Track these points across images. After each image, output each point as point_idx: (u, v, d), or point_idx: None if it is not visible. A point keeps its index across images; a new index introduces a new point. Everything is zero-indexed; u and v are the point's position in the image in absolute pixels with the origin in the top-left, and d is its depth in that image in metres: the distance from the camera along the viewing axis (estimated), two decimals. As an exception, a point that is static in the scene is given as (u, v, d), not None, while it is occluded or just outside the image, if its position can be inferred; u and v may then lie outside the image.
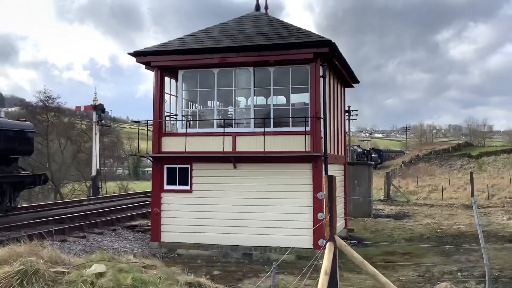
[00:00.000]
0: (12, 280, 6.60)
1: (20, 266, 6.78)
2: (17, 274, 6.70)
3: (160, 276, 7.59)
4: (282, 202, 14.54)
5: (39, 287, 6.70)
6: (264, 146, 14.43)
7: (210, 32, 16.43)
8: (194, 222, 15.20)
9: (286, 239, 14.19)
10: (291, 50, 14.42)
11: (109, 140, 54.63)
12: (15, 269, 6.76)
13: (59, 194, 44.77)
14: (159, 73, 15.99)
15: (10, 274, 6.68)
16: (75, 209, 21.98)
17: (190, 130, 15.93)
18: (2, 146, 19.49)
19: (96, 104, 34.17)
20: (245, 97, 17.04)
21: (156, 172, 15.80)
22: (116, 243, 16.08)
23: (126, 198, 29.84)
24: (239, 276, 11.84)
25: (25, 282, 6.62)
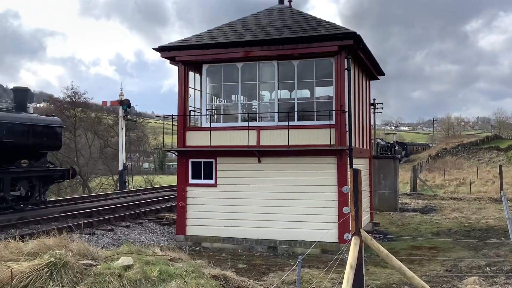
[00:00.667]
0: (41, 272, 6.75)
1: (49, 259, 6.93)
2: (47, 266, 6.84)
3: (186, 269, 7.67)
4: (306, 196, 14.50)
5: (68, 279, 6.84)
6: (288, 140, 14.39)
7: (234, 26, 16.42)
8: (219, 215, 15.29)
9: (311, 233, 14.15)
10: (315, 43, 14.30)
11: (135, 134, 55.27)
12: (45, 262, 6.91)
13: (87, 188, 45.59)
14: (183, 68, 16.08)
15: (40, 266, 6.83)
16: (103, 203, 22.37)
17: (215, 124, 15.99)
18: (31, 141, 19.95)
19: (122, 99, 34.60)
20: (269, 91, 17.00)
21: (181, 166, 15.94)
22: (143, 236, 16.31)
23: (152, 192, 30.22)
24: (264, 269, 11.86)
25: (54, 275, 6.76)
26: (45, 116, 22.20)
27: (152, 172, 72.57)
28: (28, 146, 19.79)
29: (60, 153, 39.25)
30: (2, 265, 6.90)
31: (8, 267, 6.73)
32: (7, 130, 18.71)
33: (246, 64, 15.62)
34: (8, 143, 18.67)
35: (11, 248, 7.93)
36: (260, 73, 15.67)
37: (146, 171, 71.39)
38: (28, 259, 7.39)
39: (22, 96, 21.21)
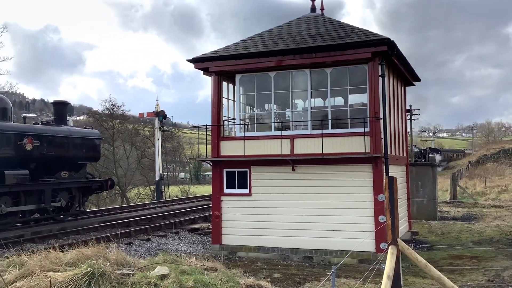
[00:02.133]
0: (80, 282, 6.90)
1: (87, 268, 7.08)
2: (85, 276, 7.00)
3: (221, 278, 7.69)
4: (342, 205, 14.33)
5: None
6: (322, 148, 14.29)
7: (266, 35, 16.50)
8: (254, 225, 15.27)
9: (347, 242, 13.95)
10: (348, 50, 14.19)
11: (170, 145, 56.08)
12: (83, 271, 7.07)
13: (125, 198, 46.46)
14: (216, 78, 16.24)
15: (78, 276, 6.99)
16: (140, 213, 22.74)
17: (248, 133, 16.04)
18: (71, 153, 20.52)
19: (158, 111, 35.18)
20: (302, 99, 16.95)
21: (216, 176, 16.03)
22: (179, 246, 16.46)
23: (188, 201, 30.53)
24: (299, 279, 11.76)
25: (92, 284, 6.90)
26: (84, 129, 22.80)
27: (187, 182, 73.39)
28: (68, 158, 20.35)
29: (99, 164, 40.17)
30: (42, 275, 7.09)
31: (47, 276, 6.91)
32: (48, 143, 19.30)
33: (279, 73, 15.64)
34: (48, 156, 19.25)
35: (51, 258, 8.14)
36: (293, 82, 15.65)
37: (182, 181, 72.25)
38: (67, 268, 7.57)
39: (62, 110, 21.86)
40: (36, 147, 18.65)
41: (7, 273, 7.69)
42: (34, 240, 15.32)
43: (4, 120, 18.13)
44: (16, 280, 7.35)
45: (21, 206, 17.94)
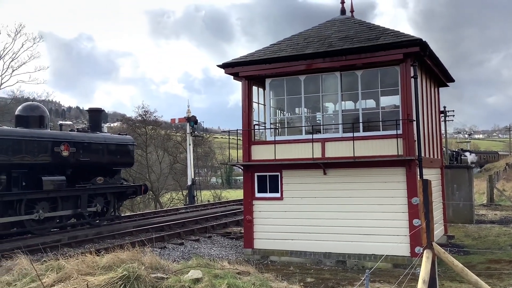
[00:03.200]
0: (116, 285, 7.04)
1: (123, 272, 7.22)
2: (120, 279, 7.13)
3: (253, 282, 7.71)
4: (375, 208, 14.15)
5: (141, 291, 7.08)
6: (354, 151, 14.16)
7: (296, 39, 16.49)
8: (286, 229, 15.24)
9: (381, 246, 13.76)
10: (378, 52, 14.04)
11: (202, 150, 56.59)
12: (119, 275, 7.21)
13: (158, 203, 47.07)
14: (247, 83, 16.32)
15: (114, 279, 7.13)
16: (173, 217, 22.98)
17: (279, 137, 16.04)
18: (106, 159, 20.95)
19: (189, 116, 35.58)
20: (332, 102, 16.85)
21: (247, 180, 16.09)
22: (212, 250, 16.57)
23: (220, 206, 30.69)
24: (332, 283, 11.66)
25: (128, 287, 7.03)
26: (118, 135, 23.25)
27: (219, 187, 73.83)
28: (103, 164, 20.79)
29: (133, 169, 40.85)
30: (79, 278, 7.26)
31: (84, 280, 7.07)
32: (84, 149, 19.77)
33: (309, 76, 15.60)
34: (84, 162, 19.72)
35: (87, 262, 8.33)
36: (323, 85, 15.58)
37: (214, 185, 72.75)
38: (103, 272, 7.73)
39: (97, 117, 22.37)
40: (72, 154, 19.13)
41: (45, 277, 7.92)
42: (71, 244, 15.69)
43: (41, 127, 18.67)
44: (54, 283, 7.56)
45: (58, 212, 18.43)
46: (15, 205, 16.75)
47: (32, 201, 17.36)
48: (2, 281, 8.70)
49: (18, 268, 8.99)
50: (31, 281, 8.04)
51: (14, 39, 41.39)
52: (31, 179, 17.66)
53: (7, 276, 8.90)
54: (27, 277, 8.33)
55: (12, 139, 16.87)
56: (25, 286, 7.89)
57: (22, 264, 9.11)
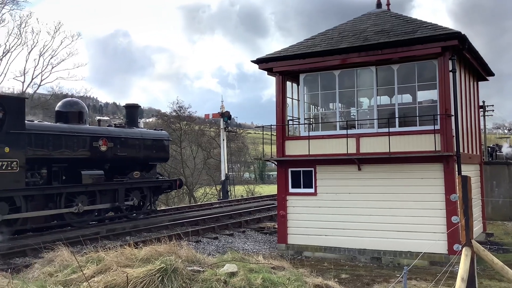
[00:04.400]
0: (154, 277, 7.19)
1: (161, 265, 7.36)
2: (158, 272, 7.27)
3: (288, 277, 7.73)
4: (411, 205, 13.93)
5: (178, 284, 7.21)
6: (389, 146, 13.97)
7: (330, 33, 16.35)
8: (320, 224, 15.19)
9: (417, 244, 13.55)
10: (415, 45, 13.78)
11: (235, 145, 56.88)
12: (157, 267, 7.35)
13: (192, 198, 47.66)
14: (281, 78, 16.30)
15: (152, 272, 7.28)
16: (207, 212, 23.24)
17: (313, 133, 15.98)
18: (142, 154, 21.34)
19: (223, 112, 35.81)
20: (367, 97, 16.66)
21: (281, 176, 16.10)
22: (245, 244, 16.69)
23: (253, 201, 30.83)
24: (367, 280, 11.57)
25: (166, 280, 7.16)
26: (154, 130, 23.63)
27: (252, 182, 74.09)
28: (139, 158, 21.19)
29: (168, 164, 41.46)
30: (119, 270, 7.45)
31: (123, 272, 7.25)
32: (121, 144, 20.19)
33: (343, 71, 15.46)
34: (121, 156, 20.13)
35: (126, 254, 8.53)
36: (358, 80, 15.42)
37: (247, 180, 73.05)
38: (141, 264, 7.90)
39: (133, 112, 22.79)
40: (110, 149, 19.57)
41: (86, 268, 8.15)
42: (109, 237, 16.09)
43: (80, 123, 19.16)
44: (95, 275, 7.77)
45: (97, 205, 18.90)
46: (55, 198, 17.27)
47: (71, 195, 17.86)
48: (45, 272, 9.00)
49: (60, 260, 9.28)
50: (72, 272, 8.29)
51: (53, 37, 42.66)
52: (70, 173, 18.16)
53: (49, 267, 9.20)
54: (68, 268, 8.58)
55: (52, 134, 17.37)
56: (66, 277, 8.13)
57: (63, 255, 9.39)
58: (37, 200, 16.57)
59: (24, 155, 15.83)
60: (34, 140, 16.45)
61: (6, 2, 36.00)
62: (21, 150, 15.70)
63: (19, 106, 15.98)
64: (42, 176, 17.21)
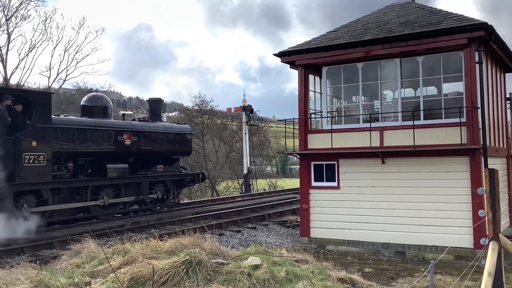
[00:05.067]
0: (179, 269, 7.28)
1: (185, 257, 7.44)
2: (183, 264, 7.36)
3: (312, 270, 7.74)
4: (436, 199, 13.77)
5: (202, 276, 7.29)
6: (414, 140, 13.80)
7: (353, 26, 16.20)
8: (343, 218, 15.14)
9: (443, 238, 13.40)
10: (441, 37, 13.56)
11: (257, 139, 56.91)
12: (181, 259, 7.44)
13: (215, 191, 47.94)
14: (303, 71, 16.24)
15: (177, 263, 7.37)
16: (230, 205, 23.36)
17: (336, 126, 15.89)
18: (166, 148, 21.55)
19: (245, 105, 35.86)
20: (391, 90, 16.47)
21: (303, 169, 16.07)
22: (268, 238, 16.73)
23: (275, 195, 30.85)
24: (392, 274, 11.50)
25: (190, 272, 7.25)
26: (177, 124, 23.82)
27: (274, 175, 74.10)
28: (162, 152, 21.40)
29: (190, 158, 41.76)
30: (145, 262, 7.56)
31: (149, 263, 7.35)
32: (145, 138, 20.42)
33: (367, 63, 15.31)
34: (145, 150, 20.37)
35: (151, 246, 8.65)
36: (382, 72, 15.25)
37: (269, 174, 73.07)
38: (166, 256, 8.01)
39: (157, 106, 23.00)
40: (134, 142, 19.81)
41: (112, 260, 8.29)
42: (134, 229, 16.31)
43: (105, 117, 19.43)
44: (121, 266, 7.90)
45: (122, 198, 19.18)
46: (81, 192, 17.58)
47: (97, 188, 18.15)
48: (72, 263, 9.19)
49: (86, 251, 9.45)
50: (99, 263, 8.44)
51: (78, 32, 43.25)
52: (96, 167, 18.45)
53: (76, 258, 9.38)
54: (95, 259, 8.74)
55: (78, 129, 17.66)
56: (93, 268, 8.29)
57: (90, 247, 9.57)
58: (63, 193, 16.91)
59: (51, 149, 16.14)
60: (60, 134, 16.75)
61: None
62: (48, 144, 16.01)
63: (45, 101, 16.29)
64: (69, 170, 17.53)
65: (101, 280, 7.29)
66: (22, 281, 7.18)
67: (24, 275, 7.53)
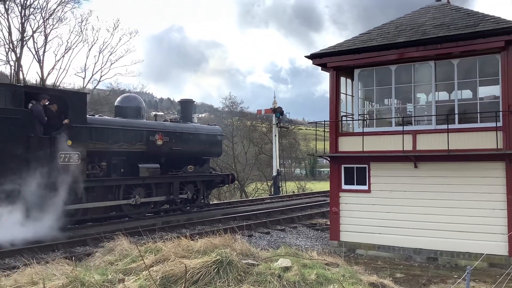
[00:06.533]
0: (210, 269, 7.36)
1: (216, 257, 7.51)
2: (214, 263, 7.43)
3: (343, 274, 7.69)
4: (470, 204, 13.46)
5: (233, 276, 7.34)
6: (448, 144, 13.54)
7: (386, 28, 16.02)
8: (374, 222, 14.96)
9: (476, 244, 13.10)
10: (477, 39, 13.26)
11: (287, 141, 56.84)
12: (212, 259, 7.51)
13: (244, 193, 48.08)
14: (335, 74, 16.13)
15: (208, 263, 7.45)
16: (259, 207, 23.40)
17: (367, 129, 15.74)
18: (196, 148, 21.76)
19: (275, 107, 35.87)
20: (425, 93, 16.20)
21: (334, 172, 15.96)
22: (297, 240, 16.69)
23: (304, 197, 30.74)
24: (424, 280, 11.31)
25: (221, 272, 7.31)
26: (207, 125, 24.02)
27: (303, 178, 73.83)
28: (193, 153, 21.61)
29: (219, 159, 42.00)
30: (177, 261, 7.66)
31: (181, 262, 7.45)
32: (176, 139, 20.67)
33: (400, 66, 15.11)
34: (176, 151, 20.61)
35: (183, 246, 8.76)
36: (415, 75, 15.03)
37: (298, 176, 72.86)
38: (197, 256, 8.10)
39: (188, 107, 23.26)
40: (165, 143, 20.07)
41: (145, 258, 8.43)
42: (165, 229, 16.52)
43: (138, 118, 19.76)
44: (153, 264, 8.03)
45: (153, 197, 19.45)
46: (114, 190, 17.92)
47: (129, 187, 18.47)
48: (105, 260, 9.39)
49: (119, 249, 9.65)
50: (131, 261, 8.60)
51: (112, 34, 44.03)
52: (128, 166, 18.79)
53: (109, 256, 9.59)
54: (127, 257, 8.91)
55: (112, 129, 18.01)
56: (126, 265, 8.45)
57: (123, 245, 9.76)
58: (97, 191, 17.26)
59: (86, 148, 16.50)
60: (94, 134, 17.13)
61: (68, 0, 37.53)
62: (82, 143, 16.38)
63: (81, 101, 16.68)
64: (102, 169, 17.89)
65: (134, 277, 7.43)
66: (57, 276, 7.38)
67: (59, 271, 7.74)
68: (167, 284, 7.05)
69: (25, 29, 35.34)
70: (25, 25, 35.31)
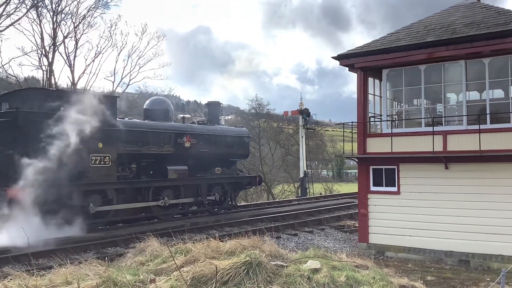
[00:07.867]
0: (239, 270, 7.40)
1: (245, 258, 7.55)
2: (243, 264, 7.47)
3: (373, 276, 7.63)
4: (502, 206, 13.16)
5: (262, 278, 7.36)
6: (479, 144, 13.28)
7: (415, 27, 15.81)
8: (403, 224, 14.76)
9: (509, 247, 12.80)
10: (508, 38, 12.98)
11: (313, 143, 56.60)
12: (242, 260, 7.55)
13: (271, 195, 48.08)
14: (362, 74, 16.01)
15: (237, 264, 7.49)
16: (286, 209, 23.37)
17: (396, 130, 15.55)
18: (223, 150, 21.88)
19: (302, 109, 35.80)
20: (455, 92, 15.93)
21: (362, 173, 15.83)
22: (325, 242, 16.61)
23: (332, 199, 30.54)
24: (455, 283, 11.11)
25: (251, 273, 7.35)
26: (234, 127, 24.12)
27: (330, 180, 73.37)
28: (220, 155, 21.74)
29: (246, 161, 42.11)
30: (207, 262, 7.74)
31: (211, 263, 7.52)
32: (203, 141, 20.84)
33: (429, 66, 14.90)
34: (204, 153, 20.78)
35: (212, 247, 8.84)
36: (445, 75, 14.79)
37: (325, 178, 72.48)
38: (226, 257, 8.16)
39: (215, 110, 23.42)
40: (193, 145, 20.26)
41: (175, 259, 8.54)
42: (193, 230, 16.67)
43: (166, 120, 20.01)
44: (184, 265, 8.13)
45: (181, 199, 19.65)
46: (143, 192, 18.18)
47: (158, 189, 18.70)
48: (136, 260, 9.55)
49: (150, 250, 9.80)
50: (162, 262, 8.73)
51: (140, 38, 44.57)
52: (157, 168, 19.04)
53: (140, 256, 9.75)
54: (158, 258, 9.05)
55: (141, 131, 18.30)
56: (157, 266, 8.58)
57: (153, 246, 9.91)
58: (127, 193, 17.55)
59: (116, 150, 16.81)
60: (124, 136, 17.41)
61: (98, 6, 38.25)
62: (113, 146, 16.69)
63: (111, 104, 16.99)
64: (132, 171, 18.19)
65: (164, 278, 7.54)
66: (91, 276, 7.54)
67: (92, 271, 7.91)
68: (198, 285, 7.12)
69: (56, 35, 36.13)
70: (57, 30, 36.12)
